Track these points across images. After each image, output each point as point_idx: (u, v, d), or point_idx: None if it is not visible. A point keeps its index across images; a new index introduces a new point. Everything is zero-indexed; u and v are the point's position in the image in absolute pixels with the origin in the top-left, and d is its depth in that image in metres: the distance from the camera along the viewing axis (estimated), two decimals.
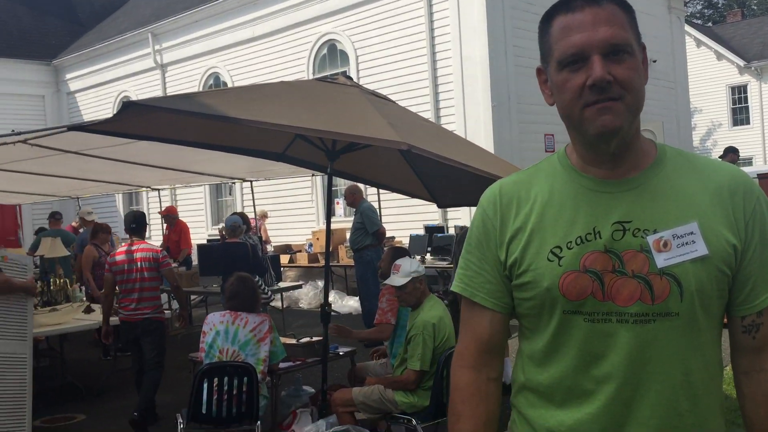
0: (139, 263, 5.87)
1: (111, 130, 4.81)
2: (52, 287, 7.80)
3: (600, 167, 1.44)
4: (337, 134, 4.24)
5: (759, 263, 1.41)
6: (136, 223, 6.11)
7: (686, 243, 1.37)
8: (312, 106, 4.42)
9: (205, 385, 4.31)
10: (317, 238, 12.26)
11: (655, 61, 12.94)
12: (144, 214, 6.50)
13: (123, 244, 6.25)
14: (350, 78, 5.38)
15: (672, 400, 1.39)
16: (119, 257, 5.93)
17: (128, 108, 3.84)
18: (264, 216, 13.09)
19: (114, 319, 6.21)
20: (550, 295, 1.42)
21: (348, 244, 10.73)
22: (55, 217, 11.30)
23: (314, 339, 5.29)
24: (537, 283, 1.43)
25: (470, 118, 11.23)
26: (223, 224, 7.86)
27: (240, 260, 7.11)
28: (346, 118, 4.34)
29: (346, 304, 11.27)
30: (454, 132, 8.93)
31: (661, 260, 1.37)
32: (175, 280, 6.17)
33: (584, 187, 1.45)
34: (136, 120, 4.63)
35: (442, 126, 8.87)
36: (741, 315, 1.44)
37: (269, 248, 12.56)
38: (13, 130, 5.11)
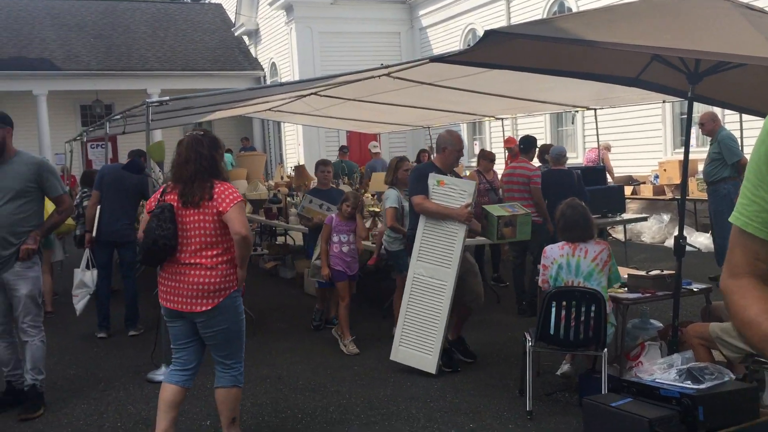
0: (516, 177, 7.31)
1: (468, 60, 5.03)
2: None
3: None
4: (704, 53, 3.90)
5: None
6: (524, 144, 7.72)
7: None
8: (674, 24, 4.10)
9: (554, 308, 4.42)
10: (664, 170, 11.57)
11: None
12: (532, 138, 7.81)
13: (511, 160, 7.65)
14: None
15: None
16: (507, 171, 7.56)
17: (488, 37, 3.97)
18: (607, 148, 12.77)
19: None
20: None
21: (700, 176, 9.96)
22: (342, 150, 13.17)
23: (665, 272, 5.06)
24: None
25: None
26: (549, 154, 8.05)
27: (564, 187, 7.23)
28: (713, 36, 3.95)
29: (696, 240, 10.55)
30: None
31: None
32: (539, 198, 7.14)
33: None
34: (491, 49, 4.77)
35: None
36: None
37: (609, 180, 12.22)
38: (381, 64, 5.62)
